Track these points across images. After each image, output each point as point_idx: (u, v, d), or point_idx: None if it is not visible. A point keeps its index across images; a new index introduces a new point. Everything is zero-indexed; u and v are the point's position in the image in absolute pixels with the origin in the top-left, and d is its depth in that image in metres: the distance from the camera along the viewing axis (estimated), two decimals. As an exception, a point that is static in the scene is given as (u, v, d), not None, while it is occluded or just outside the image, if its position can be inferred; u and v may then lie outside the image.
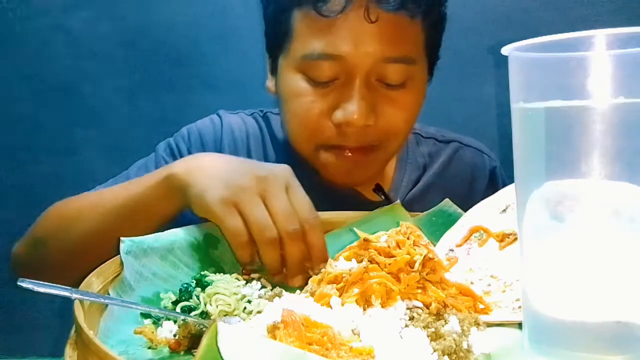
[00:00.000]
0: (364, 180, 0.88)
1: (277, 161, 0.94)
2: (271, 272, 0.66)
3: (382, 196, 0.90)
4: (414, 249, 0.55)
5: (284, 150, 0.94)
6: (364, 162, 0.84)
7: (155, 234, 0.67)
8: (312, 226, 0.66)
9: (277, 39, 0.85)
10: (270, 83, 0.91)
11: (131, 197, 0.74)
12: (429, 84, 0.90)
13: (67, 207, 0.83)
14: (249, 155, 0.95)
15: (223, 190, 0.65)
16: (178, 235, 0.68)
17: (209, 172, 0.68)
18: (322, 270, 0.59)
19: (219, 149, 0.95)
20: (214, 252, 0.70)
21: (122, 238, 0.62)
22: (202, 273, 0.65)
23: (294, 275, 0.65)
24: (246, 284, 0.63)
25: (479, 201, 0.73)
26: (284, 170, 0.69)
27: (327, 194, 0.88)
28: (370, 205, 0.81)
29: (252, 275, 0.66)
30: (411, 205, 0.88)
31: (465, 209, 0.74)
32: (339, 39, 0.77)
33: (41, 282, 0.50)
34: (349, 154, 0.83)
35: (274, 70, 0.88)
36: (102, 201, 0.78)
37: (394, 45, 0.78)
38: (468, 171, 1.03)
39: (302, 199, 0.67)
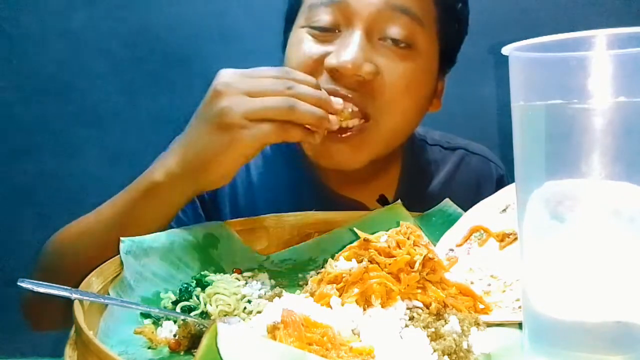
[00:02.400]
0: (352, 164, 0.82)
1: (281, 168, 0.94)
2: (318, 129, 0.69)
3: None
4: (414, 249, 0.54)
5: (288, 151, 0.94)
6: (355, 140, 0.79)
7: (155, 233, 0.67)
8: (292, 76, 0.68)
9: (292, 11, 0.86)
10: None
11: (120, 215, 0.73)
12: (439, 84, 0.88)
13: (64, 235, 0.81)
14: (247, 166, 0.93)
15: (217, 138, 0.67)
16: (178, 235, 0.68)
17: (191, 153, 0.69)
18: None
19: None
20: (214, 252, 0.70)
21: (121, 238, 0.62)
22: (202, 273, 0.65)
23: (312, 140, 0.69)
24: (246, 284, 0.63)
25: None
26: (223, 72, 0.71)
27: (330, 203, 0.86)
28: None
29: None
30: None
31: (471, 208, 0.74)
32: None
33: (41, 282, 0.50)
34: (339, 95, 0.77)
35: (284, 48, 0.87)
36: (94, 226, 0.76)
37: None
38: (474, 180, 1.00)
39: (263, 70, 0.69)
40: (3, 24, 1.66)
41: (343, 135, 0.78)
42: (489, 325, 0.52)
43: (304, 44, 0.80)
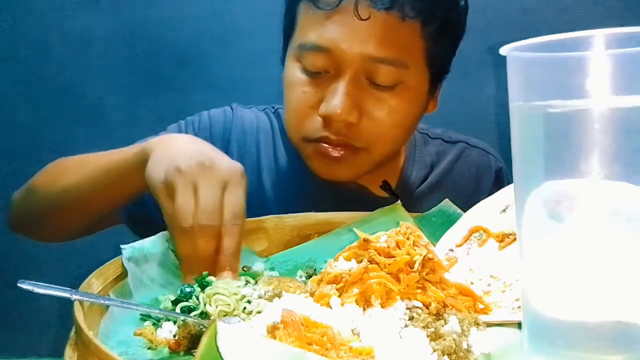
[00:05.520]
0: (347, 178, 0.88)
1: (287, 156, 0.96)
2: (180, 266, 0.64)
3: (389, 193, 0.91)
4: (414, 249, 0.54)
5: (292, 146, 0.95)
6: (346, 163, 0.84)
7: (155, 239, 0.66)
8: (230, 232, 0.63)
9: (287, 29, 0.87)
10: (283, 73, 0.92)
11: (109, 164, 0.76)
12: (432, 94, 0.89)
13: (62, 163, 0.88)
14: (258, 150, 0.96)
15: (164, 172, 0.64)
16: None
17: (167, 151, 0.67)
18: (226, 280, 0.60)
19: (226, 140, 0.96)
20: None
21: (122, 245, 0.62)
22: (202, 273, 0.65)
23: (189, 271, 0.62)
24: (246, 284, 0.63)
25: (485, 200, 0.73)
26: (231, 167, 0.66)
27: (334, 189, 0.90)
28: (377, 202, 0.81)
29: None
30: (418, 203, 0.89)
31: (471, 207, 0.74)
32: (330, 32, 0.78)
33: (41, 283, 0.50)
34: (331, 151, 0.83)
35: (284, 61, 0.90)
36: (87, 163, 0.81)
37: (383, 45, 0.78)
38: (474, 171, 1.04)
39: (234, 201, 0.64)
40: (3, 24, 1.66)
41: (335, 155, 0.83)
42: (489, 325, 0.52)
43: (300, 87, 0.83)
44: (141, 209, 0.84)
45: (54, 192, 0.83)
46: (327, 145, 0.82)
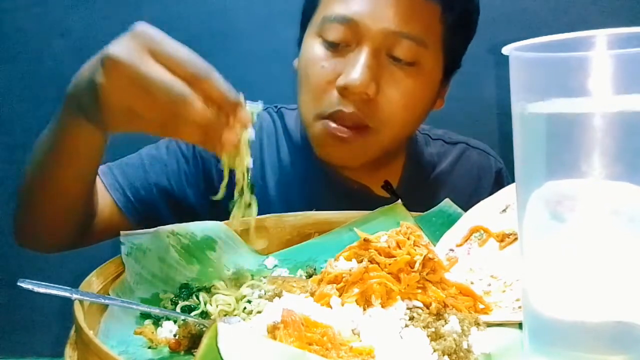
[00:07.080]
0: (352, 163, 0.89)
1: (290, 156, 0.97)
2: (203, 142, 0.57)
3: (391, 193, 0.91)
4: (414, 249, 0.55)
5: (295, 145, 0.96)
6: (353, 145, 0.85)
7: (153, 234, 0.66)
8: (208, 70, 0.58)
9: (308, 9, 0.89)
10: (296, 60, 0.92)
11: (49, 136, 0.74)
12: (443, 87, 0.91)
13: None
14: (261, 149, 0.97)
15: (92, 72, 0.57)
16: (176, 236, 0.68)
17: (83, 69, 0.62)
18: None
19: None
20: (211, 254, 0.69)
21: (122, 240, 0.62)
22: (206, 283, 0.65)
23: (226, 134, 0.57)
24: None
25: (485, 201, 0.73)
26: (138, 30, 0.59)
27: (337, 189, 0.90)
28: (379, 202, 0.82)
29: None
30: (419, 203, 0.89)
31: (471, 208, 0.74)
32: (356, 4, 0.81)
33: (41, 282, 0.50)
34: (340, 132, 0.83)
35: (300, 44, 0.91)
36: (38, 147, 0.78)
37: (406, 20, 0.80)
38: (474, 171, 1.05)
39: (176, 53, 0.57)
40: (3, 24, 1.66)
41: (343, 136, 0.83)
42: (489, 325, 0.52)
43: (318, 62, 0.84)
44: (152, 212, 0.84)
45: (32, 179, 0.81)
46: (336, 126, 0.83)
